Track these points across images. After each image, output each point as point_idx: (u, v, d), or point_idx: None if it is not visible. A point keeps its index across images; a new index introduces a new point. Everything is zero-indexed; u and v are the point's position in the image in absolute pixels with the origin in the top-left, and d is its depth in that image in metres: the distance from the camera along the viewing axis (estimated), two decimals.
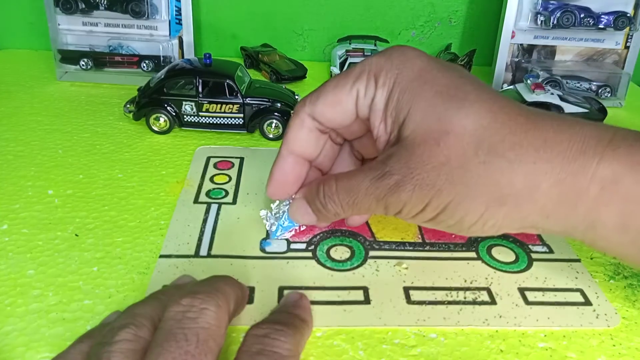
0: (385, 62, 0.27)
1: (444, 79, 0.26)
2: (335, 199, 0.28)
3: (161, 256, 0.32)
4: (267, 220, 0.33)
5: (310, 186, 0.30)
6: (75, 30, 0.60)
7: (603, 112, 0.52)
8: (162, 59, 0.60)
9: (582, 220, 0.25)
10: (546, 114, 0.26)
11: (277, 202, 0.33)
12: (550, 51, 0.63)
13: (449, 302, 0.29)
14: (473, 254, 0.33)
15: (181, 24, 0.61)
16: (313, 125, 0.30)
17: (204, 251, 0.33)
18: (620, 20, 0.60)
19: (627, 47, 0.62)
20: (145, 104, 0.47)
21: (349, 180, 0.27)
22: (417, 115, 0.26)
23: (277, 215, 0.33)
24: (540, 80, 0.55)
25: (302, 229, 0.35)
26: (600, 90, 0.61)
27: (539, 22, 0.60)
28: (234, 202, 0.38)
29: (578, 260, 0.34)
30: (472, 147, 0.24)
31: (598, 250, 0.27)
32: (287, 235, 0.34)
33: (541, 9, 0.60)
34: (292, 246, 0.33)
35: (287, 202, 0.32)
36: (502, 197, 0.25)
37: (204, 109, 0.47)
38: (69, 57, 0.59)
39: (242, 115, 0.47)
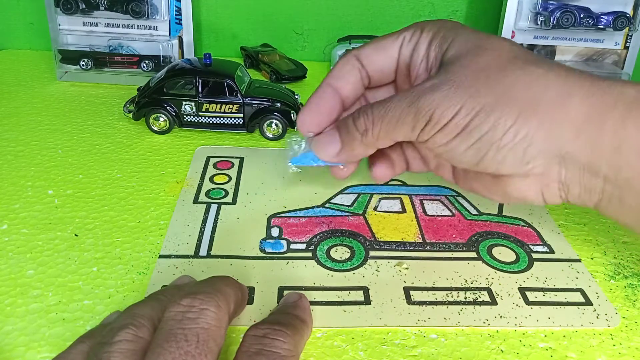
0: (428, 22, 0.30)
1: (482, 34, 0.28)
2: (368, 112, 0.28)
3: (161, 256, 0.32)
4: (290, 146, 0.32)
5: (344, 117, 0.30)
6: (75, 31, 0.60)
7: None
8: (162, 59, 0.60)
9: (609, 140, 0.24)
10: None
11: (299, 137, 0.32)
12: (550, 51, 0.63)
13: (450, 303, 0.29)
14: (473, 254, 0.33)
15: (181, 24, 0.61)
16: (357, 65, 0.31)
17: (203, 251, 0.33)
18: (619, 20, 0.60)
19: (626, 47, 0.62)
20: (145, 104, 0.47)
21: (385, 99, 0.28)
22: (459, 41, 0.28)
23: (301, 146, 0.32)
24: None
25: (319, 164, 0.32)
26: None
27: (539, 22, 0.60)
28: (234, 202, 0.38)
29: (578, 260, 0.34)
30: (510, 57, 0.26)
31: (623, 194, 0.25)
32: (303, 165, 0.32)
33: (541, 9, 0.60)
34: (292, 246, 0.33)
35: (311, 135, 0.31)
36: (537, 100, 0.25)
37: (203, 109, 0.47)
38: (69, 57, 0.59)
39: (242, 115, 0.47)
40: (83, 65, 0.59)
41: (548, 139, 0.25)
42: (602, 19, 0.60)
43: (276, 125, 0.48)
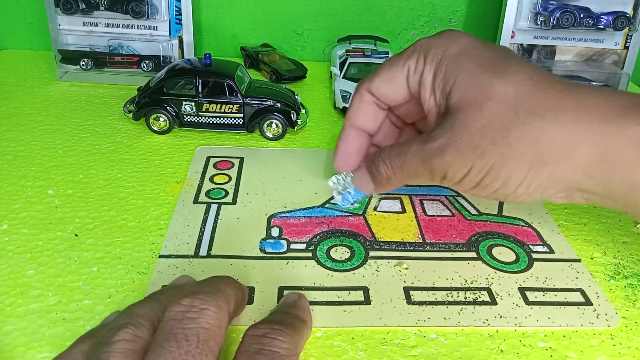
0: (434, 41, 0.29)
1: (488, 54, 0.28)
2: (387, 161, 0.30)
3: (161, 256, 0.32)
4: (335, 191, 0.35)
5: (370, 155, 0.33)
6: (75, 31, 0.60)
7: None
8: (162, 59, 0.60)
9: (621, 181, 0.25)
10: (586, 85, 0.27)
11: (342, 174, 0.35)
12: (550, 51, 0.63)
13: (450, 303, 0.29)
14: (473, 254, 0.33)
15: (181, 24, 0.61)
16: (371, 100, 0.32)
17: (203, 251, 0.33)
18: (619, 20, 0.60)
19: (626, 47, 0.62)
20: (145, 104, 0.47)
21: (401, 146, 0.29)
22: (461, 84, 0.27)
23: (345, 185, 0.35)
24: None
25: (363, 198, 0.37)
26: None
27: (539, 22, 0.60)
28: (234, 202, 0.38)
29: (578, 260, 0.34)
30: (512, 110, 0.26)
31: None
32: (352, 205, 0.37)
33: (541, 9, 0.60)
34: (292, 246, 0.33)
35: (351, 174, 0.34)
36: (544, 156, 0.25)
37: (203, 109, 0.47)
38: (69, 57, 0.59)
39: (242, 115, 0.47)
40: (83, 65, 0.59)
41: (562, 183, 0.26)
42: (602, 19, 0.60)
43: (276, 125, 0.48)
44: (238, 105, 0.47)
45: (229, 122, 0.48)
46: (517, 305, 0.29)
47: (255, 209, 0.37)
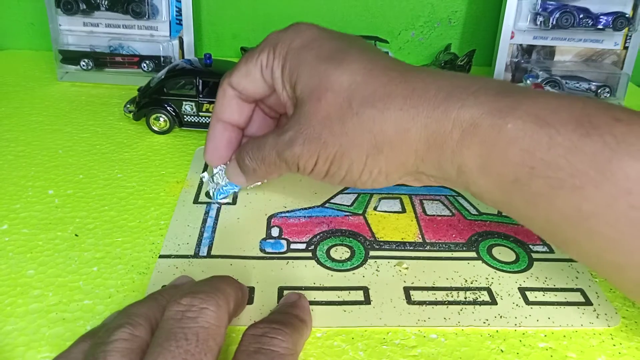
0: (282, 35, 0.30)
1: (330, 45, 0.29)
2: (250, 154, 0.32)
3: (161, 256, 0.32)
4: (209, 183, 0.37)
5: (240, 147, 0.34)
6: (76, 31, 0.60)
7: None
8: (162, 59, 0.60)
9: (451, 163, 0.26)
10: (424, 69, 0.28)
11: (218, 167, 0.36)
12: (550, 51, 0.64)
13: (450, 302, 0.29)
14: (473, 254, 0.33)
15: (181, 24, 0.61)
16: (233, 94, 0.33)
17: (203, 251, 0.33)
18: (619, 20, 0.60)
19: (625, 48, 0.63)
20: (145, 104, 0.47)
21: (260, 139, 0.31)
22: (303, 77, 0.29)
23: (217, 178, 0.36)
24: (539, 80, 0.55)
25: (237, 190, 0.37)
26: (599, 91, 0.61)
27: (538, 23, 0.60)
28: (234, 202, 0.38)
29: None
30: (347, 101, 0.27)
31: (480, 200, 0.28)
32: (228, 199, 0.37)
33: (540, 10, 0.60)
34: (292, 246, 0.33)
35: (224, 167, 0.36)
36: (379, 143, 0.27)
37: (204, 109, 0.47)
38: (70, 57, 0.59)
39: None
40: (83, 65, 0.59)
41: (401, 168, 0.28)
42: (601, 20, 0.60)
43: None
44: None
45: None
46: (517, 305, 0.29)
47: (255, 209, 0.37)
